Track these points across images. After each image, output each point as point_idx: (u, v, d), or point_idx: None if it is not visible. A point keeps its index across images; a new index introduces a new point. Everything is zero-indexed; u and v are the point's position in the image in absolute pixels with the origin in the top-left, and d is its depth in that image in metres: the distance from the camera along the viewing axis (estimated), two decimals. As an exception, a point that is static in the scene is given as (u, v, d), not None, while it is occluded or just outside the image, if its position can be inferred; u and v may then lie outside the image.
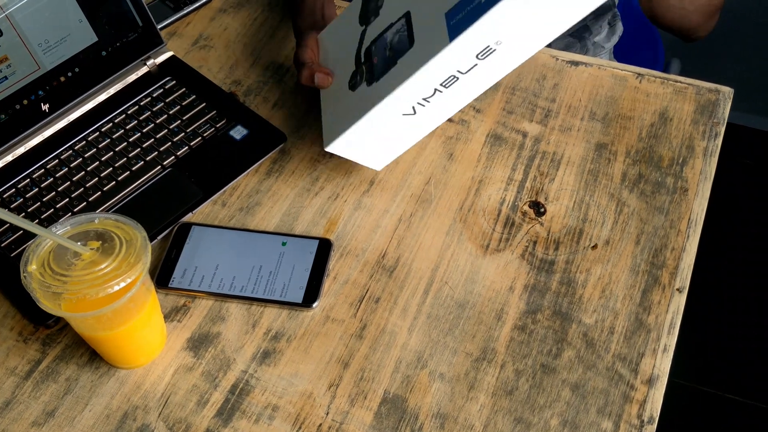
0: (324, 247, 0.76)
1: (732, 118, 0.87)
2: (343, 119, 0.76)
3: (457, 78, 0.69)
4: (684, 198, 0.80)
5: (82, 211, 0.80)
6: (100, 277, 0.61)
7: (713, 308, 1.67)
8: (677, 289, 0.74)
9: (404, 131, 0.76)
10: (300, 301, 0.73)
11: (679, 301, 0.73)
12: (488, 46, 0.66)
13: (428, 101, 0.72)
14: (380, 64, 0.74)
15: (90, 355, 0.71)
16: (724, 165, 0.88)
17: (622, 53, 1.34)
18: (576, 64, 0.94)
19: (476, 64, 0.68)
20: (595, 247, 0.76)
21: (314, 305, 0.73)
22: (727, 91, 0.89)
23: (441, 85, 0.70)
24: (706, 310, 1.66)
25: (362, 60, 0.77)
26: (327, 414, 0.67)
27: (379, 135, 0.76)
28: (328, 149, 0.77)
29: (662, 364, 0.69)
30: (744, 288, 1.71)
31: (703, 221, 0.78)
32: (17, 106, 0.83)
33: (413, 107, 0.73)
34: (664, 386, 0.68)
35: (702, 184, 0.81)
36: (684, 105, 0.87)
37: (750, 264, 1.74)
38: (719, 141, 0.84)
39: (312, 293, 0.73)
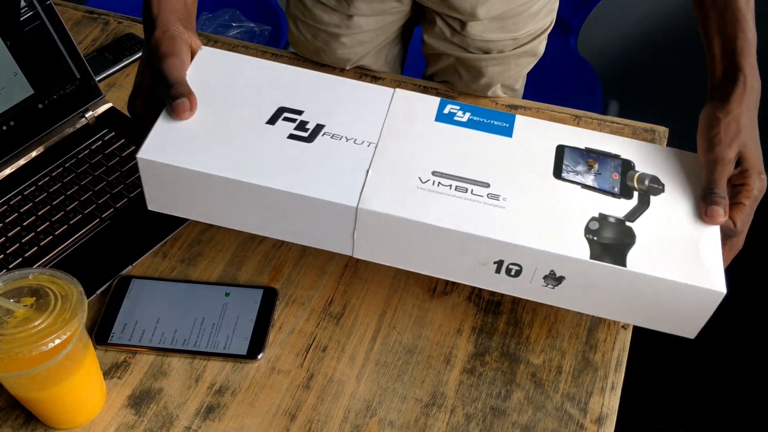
0: (269, 297, 0.75)
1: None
2: None
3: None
4: (625, 236, 0.81)
5: (18, 267, 0.77)
6: (34, 335, 0.58)
7: (659, 344, 1.69)
8: (622, 327, 0.74)
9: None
10: (244, 352, 0.71)
11: (625, 339, 0.73)
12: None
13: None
14: None
15: (25, 417, 0.68)
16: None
17: (561, 96, 1.37)
18: (515, 107, 0.95)
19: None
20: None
21: (259, 356, 0.71)
22: (662, 130, 0.92)
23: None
24: (652, 347, 1.68)
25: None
26: (274, 468, 0.65)
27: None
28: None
29: (610, 402, 0.69)
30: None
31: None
32: (-51, 162, 0.81)
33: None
34: (614, 424, 0.68)
35: (642, 222, 0.82)
36: (621, 145, 0.89)
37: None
38: (657, 179, 0.86)
39: (257, 344, 0.72)
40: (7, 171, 0.85)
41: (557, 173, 0.68)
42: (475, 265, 0.66)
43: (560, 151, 0.70)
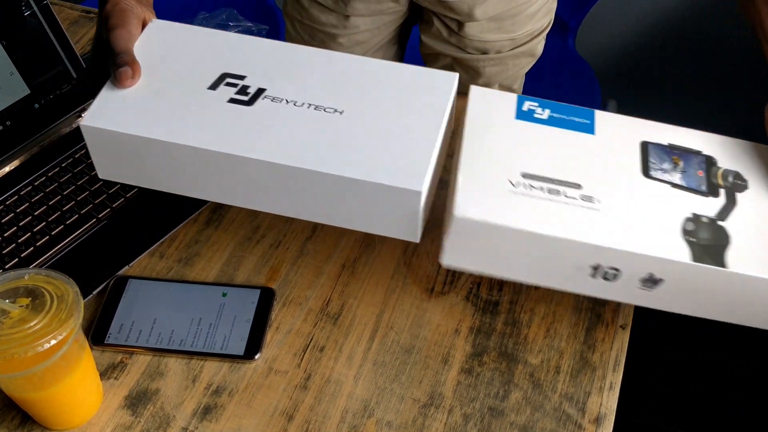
0: (266, 297, 0.75)
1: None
2: None
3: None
4: (623, 235, 0.80)
5: (14, 267, 0.77)
6: (30, 335, 0.58)
7: (660, 344, 1.69)
8: (620, 326, 0.74)
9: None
10: (241, 353, 0.71)
11: (623, 339, 0.73)
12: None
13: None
14: None
15: (21, 417, 0.68)
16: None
17: (559, 96, 1.36)
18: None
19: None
20: (537, 286, 0.77)
21: (256, 357, 0.71)
22: (660, 130, 0.91)
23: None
24: (654, 346, 1.67)
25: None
26: (272, 469, 0.65)
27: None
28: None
29: (609, 402, 0.69)
30: (686, 323, 1.73)
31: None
32: (-55, 162, 0.81)
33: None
34: (612, 424, 0.68)
35: (640, 221, 0.82)
36: (619, 144, 0.89)
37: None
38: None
39: (254, 345, 0.71)
40: (4, 171, 0.85)
41: (645, 171, 0.67)
42: (570, 270, 0.64)
43: (645, 147, 0.69)
